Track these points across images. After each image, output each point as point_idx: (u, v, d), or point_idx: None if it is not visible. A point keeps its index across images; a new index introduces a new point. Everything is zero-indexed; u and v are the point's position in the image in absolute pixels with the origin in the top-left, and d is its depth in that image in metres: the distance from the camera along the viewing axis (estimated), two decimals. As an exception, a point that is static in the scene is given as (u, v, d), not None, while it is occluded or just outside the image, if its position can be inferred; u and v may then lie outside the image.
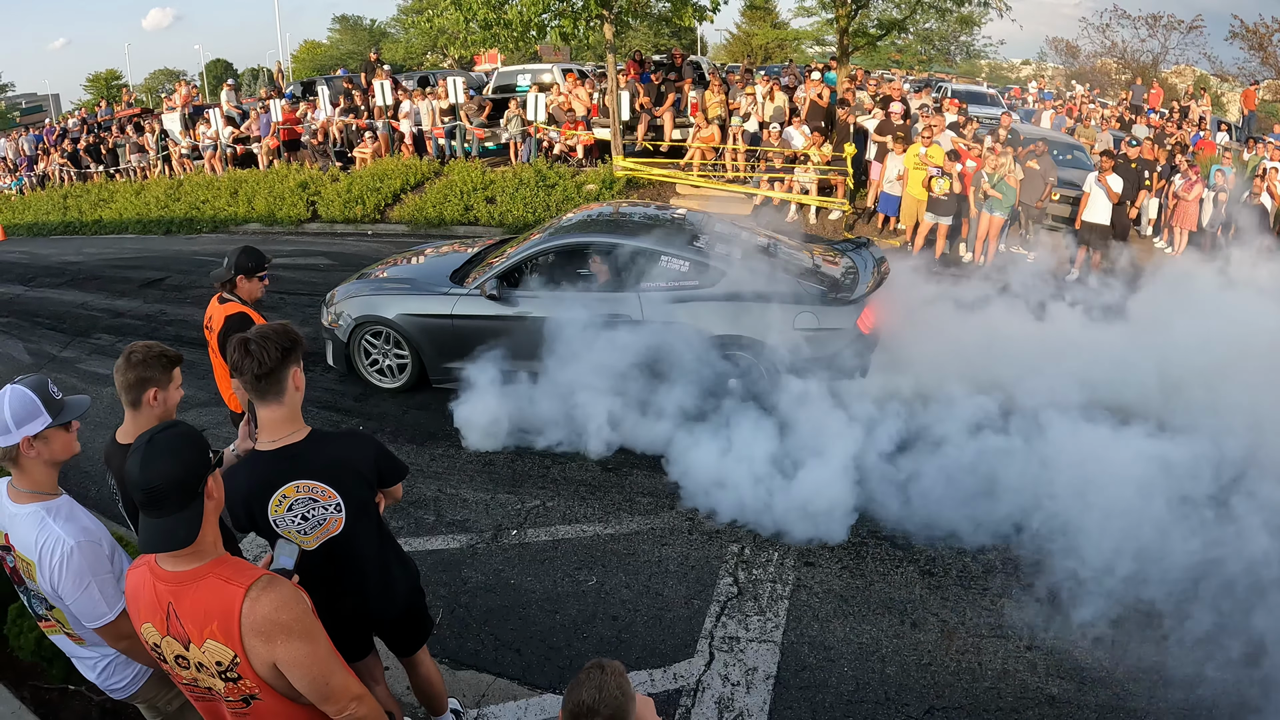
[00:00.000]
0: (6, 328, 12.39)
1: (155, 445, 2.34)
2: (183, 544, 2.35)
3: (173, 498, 2.31)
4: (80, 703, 4.54)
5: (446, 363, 7.95)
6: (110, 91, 55.50)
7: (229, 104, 23.36)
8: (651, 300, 7.38)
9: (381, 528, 3.48)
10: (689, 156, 16.71)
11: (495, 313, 7.67)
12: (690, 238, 7.71)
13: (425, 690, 4.00)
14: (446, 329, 7.86)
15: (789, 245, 8.37)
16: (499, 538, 6.10)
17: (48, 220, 23.29)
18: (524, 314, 7.60)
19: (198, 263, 15.40)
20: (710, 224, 8.19)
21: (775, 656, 4.88)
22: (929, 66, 34.23)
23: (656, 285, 7.44)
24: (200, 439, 2.45)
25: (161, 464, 2.31)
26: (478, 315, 7.70)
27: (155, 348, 3.44)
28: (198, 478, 2.37)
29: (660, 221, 8.34)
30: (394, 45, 56.26)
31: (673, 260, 7.45)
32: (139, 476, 2.29)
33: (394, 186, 17.98)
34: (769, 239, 8.35)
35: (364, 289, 8.46)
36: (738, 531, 6.00)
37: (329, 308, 8.51)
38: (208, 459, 2.43)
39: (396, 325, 8.00)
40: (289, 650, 2.39)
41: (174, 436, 2.38)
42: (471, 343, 7.67)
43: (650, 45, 45.05)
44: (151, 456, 2.32)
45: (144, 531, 2.36)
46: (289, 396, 3.13)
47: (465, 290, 7.86)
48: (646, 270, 7.50)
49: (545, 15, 16.17)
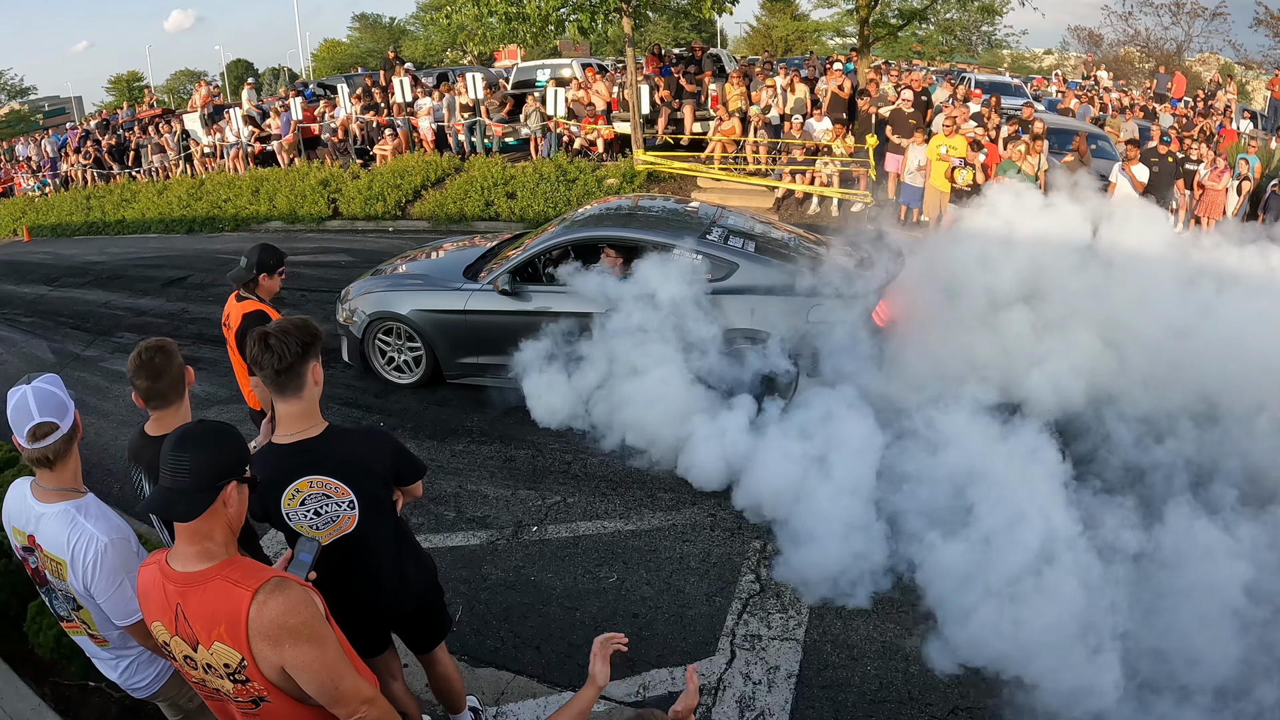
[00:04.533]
0: (31, 327, 12.49)
1: (205, 425, 2.44)
2: (176, 518, 2.36)
3: (193, 475, 2.34)
4: (100, 699, 4.55)
5: (461, 358, 7.96)
6: (132, 93, 55.95)
7: (250, 103, 23.45)
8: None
9: (398, 525, 3.45)
10: (710, 150, 16.63)
11: (509, 308, 7.61)
12: (704, 232, 7.61)
13: (443, 688, 3.98)
14: (460, 324, 7.84)
15: (804, 238, 8.28)
16: (519, 534, 6.08)
17: (71, 221, 23.45)
18: (538, 309, 7.55)
19: (220, 261, 15.47)
20: (725, 218, 8.10)
21: (797, 655, 4.83)
22: (950, 57, 33.93)
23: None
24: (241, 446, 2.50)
25: (196, 446, 2.37)
26: (491, 310, 7.67)
27: (161, 342, 3.46)
28: (223, 471, 2.39)
29: (674, 215, 8.29)
30: (414, 42, 56.41)
31: (686, 254, 7.34)
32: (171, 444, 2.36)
33: (415, 183, 17.97)
34: (784, 232, 8.28)
35: (378, 285, 8.47)
36: (759, 528, 5.95)
37: (344, 304, 8.52)
38: (240, 467, 2.46)
39: (410, 321, 7.98)
40: (297, 654, 2.36)
41: (222, 427, 2.47)
42: (485, 338, 7.70)
43: (670, 39, 44.94)
44: (195, 431, 2.40)
45: (151, 493, 2.43)
46: (308, 391, 3.12)
47: (478, 285, 7.83)
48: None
49: (564, 9, 16.13)
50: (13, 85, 59.50)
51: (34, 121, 54.20)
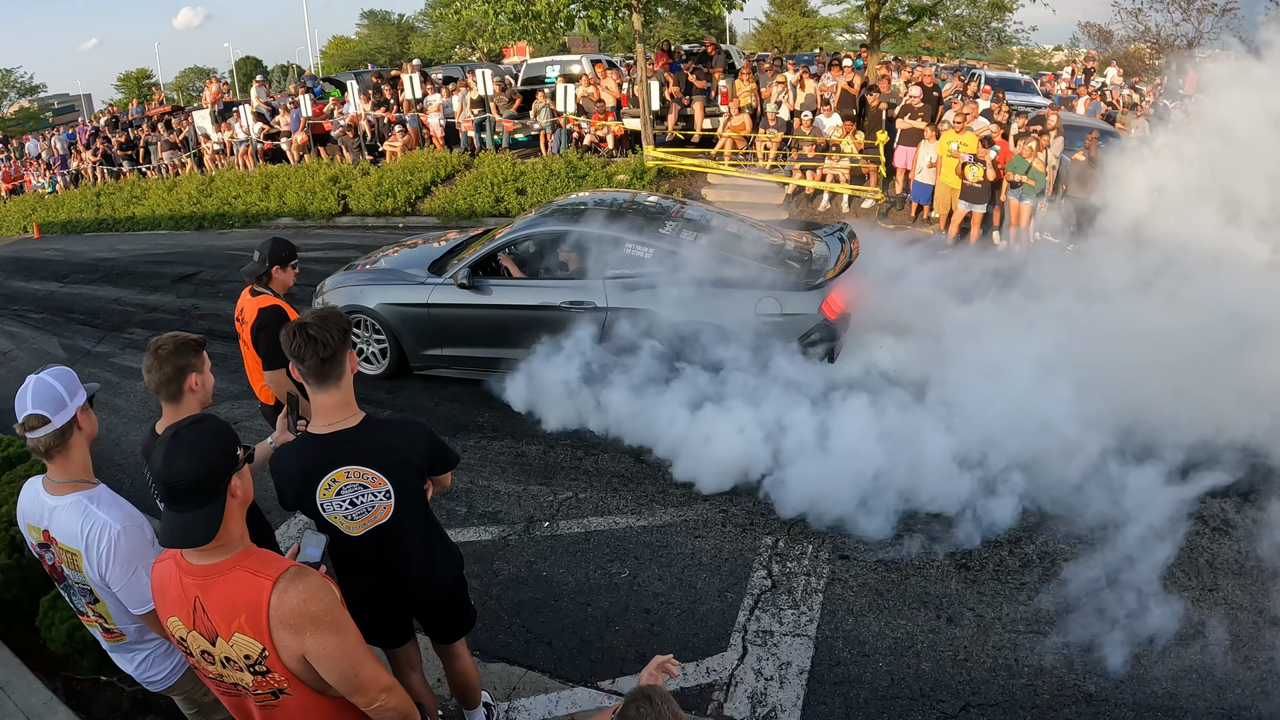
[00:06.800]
0: (42, 324, 12.54)
1: (180, 439, 2.31)
2: (200, 541, 2.33)
3: (194, 494, 2.29)
4: (112, 693, 4.57)
5: (425, 350, 8.19)
6: (141, 90, 56.09)
7: (259, 100, 23.49)
8: (616, 287, 7.49)
9: (428, 515, 3.47)
10: (720, 146, 16.60)
11: (469, 301, 7.83)
12: (657, 225, 7.84)
13: (460, 684, 3.99)
14: (424, 317, 8.05)
15: (760, 230, 8.48)
16: (531, 529, 6.08)
17: (81, 218, 23.56)
18: (497, 302, 7.79)
19: (230, 257, 15.51)
20: (683, 211, 8.33)
21: (809, 651, 4.82)
22: (960, 53, 33.85)
23: (621, 272, 7.53)
24: (228, 434, 2.42)
25: (185, 459, 2.29)
26: (452, 304, 7.88)
27: (180, 336, 3.44)
28: (222, 475, 2.34)
29: (629, 209, 8.50)
30: (422, 39, 56.48)
31: (638, 247, 7.57)
32: (162, 470, 2.28)
33: (424, 179, 17.99)
34: (740, 225, 8.45)
35: (350, 279, 8.70)
36: (771, 524, 5.94)
37: (319, 298, 8.70)
38: (234, 456, 2.39)
39: (376, 314, 8.18)
40: (318, 642, 2.36)
41: (200, 432, 2.36)
42: (448, 330, 7.97)
43: (679, 35, 44.90)
44: (175, 451, 2.29)
45: (164, 525, 2.34)
46: (346, 380, 3.13)
47: (440, 280, 8.03)
48: (612, 258, 7.62)
49: (574, 6, 16.12)
50: (22, 83, 59.81)
51: (43, 119, 54.45)
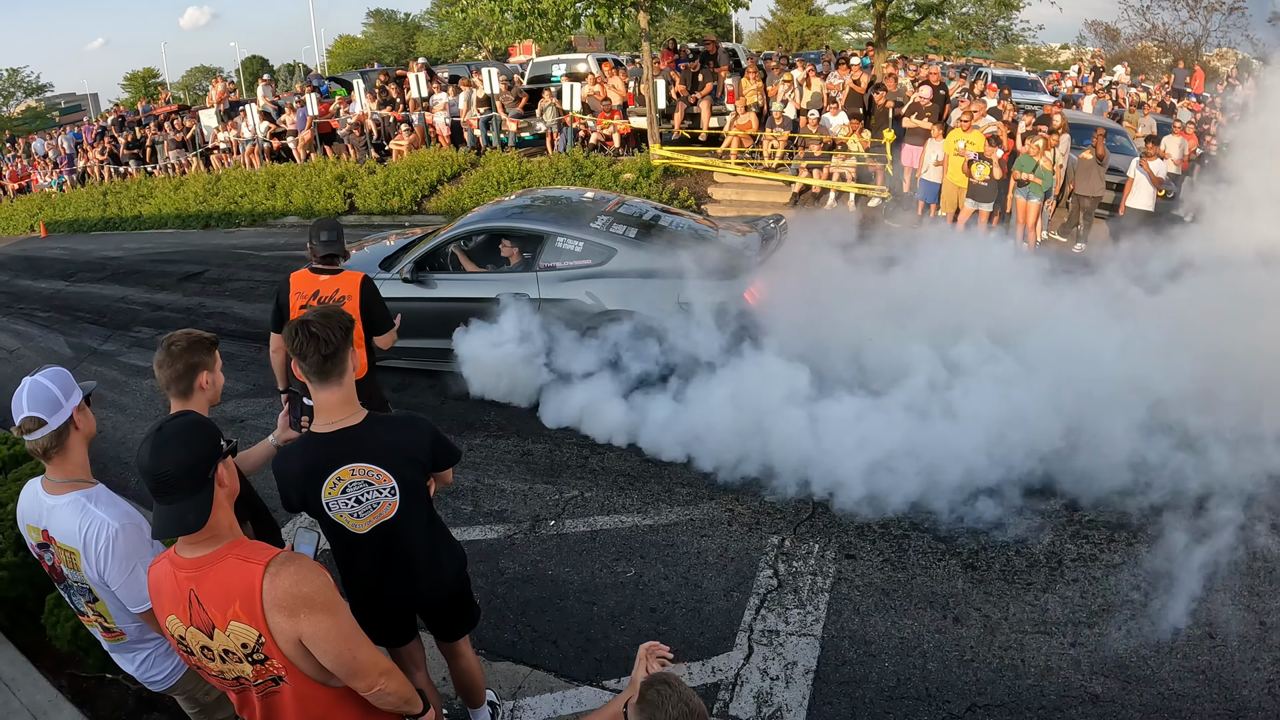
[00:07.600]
0: (48, 322, 12.57)
1: (165, 432, 2.39)
2: (192, 528, 2.38)
3: (182, 484, 2.35)
4: (117, 691, 4.57)
5: None
6: (148, 90, 56.23)
7: (265, 99, 23.49)
8: (547, 279, 7.81)
9: (431, 511, 3.48)
10: (726, 144, 16.56)
11: (415, 295, 8.07)
12: (589, 220, 8.06)
13: (464, 681, 3.99)
14: None
15: (691, 223, 8.68)
16: (537, 528, 6.07)
17: (88, 217, 23.59)
18: (441, 295, 8.11)
19: (236, 256, 15.54)
20: (619, 206, 8.52)
21: (815, 650, 4.80)
22: (966, 52, 33.75)
23: (553, 265, 7.84)
24: (210, 427, 2.50)
25: (171, 450, 2.36)
26: (399, 298, 7.95)
27: (193, 333, 3.46)
28: (207, 464, 2.41)
29: (565, 205, 8.85)
30: (428, 38, 56.49)
31: (568, 241, 7.88)
32: (149, 463, 2.34)
33: (430, 178, 17.99)
34: (675, 218, 8.62)
35: None
36: (778, 523, 5.93)
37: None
38: (218, 447, 2.47)
39: None
40: (313, 623, 2.38)
41: (184, 424, 2.44)
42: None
43: (685, 33, 44.85)
44: (162, 443, 2.37)
45: (156, 518, 2.42)
46: (348, 378, 3.15)
47: (388, 275, 8.24)
48: (545, 252, 7.93)
49: (580, 4, 16.09)
50: (29, 83, 59.77)
51: (50, 119, 54.58)
